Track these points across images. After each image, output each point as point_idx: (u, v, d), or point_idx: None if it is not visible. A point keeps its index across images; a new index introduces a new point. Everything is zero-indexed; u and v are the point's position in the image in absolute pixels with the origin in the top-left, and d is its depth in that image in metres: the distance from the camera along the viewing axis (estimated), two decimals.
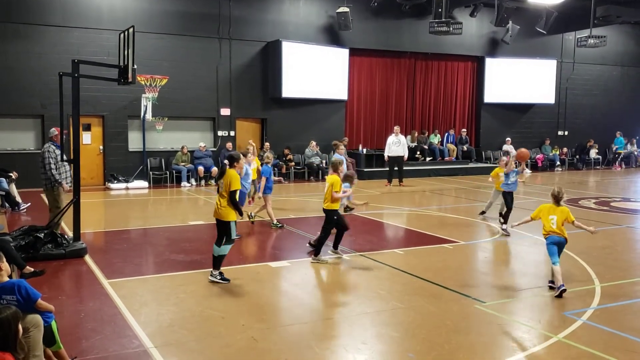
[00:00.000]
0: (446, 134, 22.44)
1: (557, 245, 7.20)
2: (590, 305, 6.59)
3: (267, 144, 18.69)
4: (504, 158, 11.83)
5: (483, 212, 12.57)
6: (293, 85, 19.09)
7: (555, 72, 23.74)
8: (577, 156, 24.79)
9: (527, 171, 22.38)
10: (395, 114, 22.00)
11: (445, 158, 21.92)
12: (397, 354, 5.33)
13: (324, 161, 19.72)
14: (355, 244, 9.79)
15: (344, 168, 8.99)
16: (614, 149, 25.22)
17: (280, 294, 7.23)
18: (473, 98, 23.37)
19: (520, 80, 23.01)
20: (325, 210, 8.60)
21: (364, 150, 20.44)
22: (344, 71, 20.22)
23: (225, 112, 18.86)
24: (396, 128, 18.20)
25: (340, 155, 11.71)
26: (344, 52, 20.12)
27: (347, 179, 8.92)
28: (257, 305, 6.56)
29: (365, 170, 19.67)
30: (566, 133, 24.87)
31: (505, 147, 21.69)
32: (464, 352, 5.27)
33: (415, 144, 21.64)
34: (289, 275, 7.92)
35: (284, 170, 19.05)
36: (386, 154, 18.00)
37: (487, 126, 23.47)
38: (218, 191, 7.44)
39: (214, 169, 17.80)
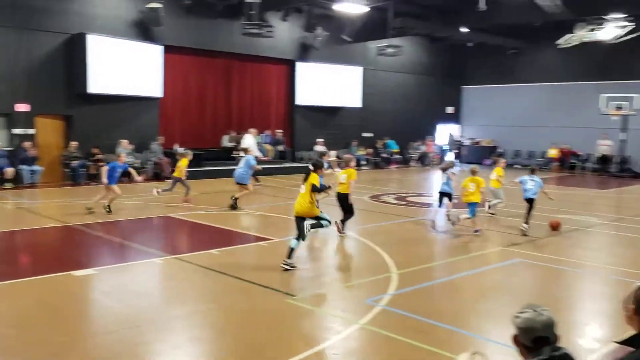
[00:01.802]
0: (262, 134, 22.81)
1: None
2: (388, 292, 7.17)
3: (124, 141, 17.67)
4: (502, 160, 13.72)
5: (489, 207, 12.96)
6: (101, 81, 17.94)
7: (361, 78, 25.42)
8: (380, 156, 26.81)
9: (337, 169, 23.61)
10: (212, 114, 21.83)
11: (263, 158, 22.26)
12: (210, 355, 5.29)
13: (139, 161, 18.81)
14: (169, 246, 9.52)
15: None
16: (390, 151, 27.05)
17: (87, 303, 6.76)
18: (287, 100, 24.09)
19: (330, 84, 24.25)
20: (341, 195, 10.67)
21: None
22: (158, 68, 19.53)
23: (22, 108, 17.08)
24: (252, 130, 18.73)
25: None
26: (158, 49, 19.44)
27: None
28: (61, 317, 6.06)
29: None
30: (371, 135, 26.77)
31: (318, 148, 22.66)
32: (274, 346, 5.41)
33: (234, 143, 21.68)
34: (97, 283, 7.44)
35: (91, 171, 17.78)
36: (256, 153, 18.44)
37: (300, 128, 24.35)
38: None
39: (9, 170, 16.01)
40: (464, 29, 24.17)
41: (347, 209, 10.74)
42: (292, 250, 8.03)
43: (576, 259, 9.49)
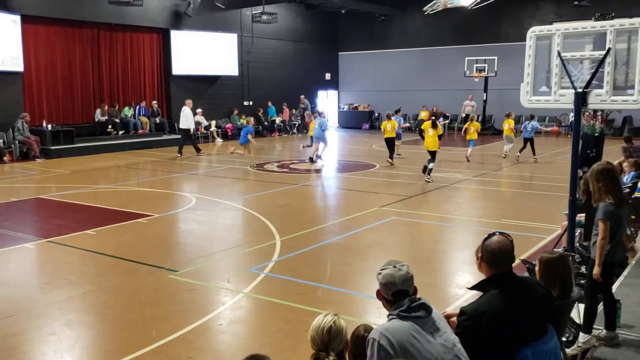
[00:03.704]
0: (138, 107, 21.87)
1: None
2: (272, 259, 7.32)
3: None
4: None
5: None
6: None
7: (237, 46, 25.02)
8: (261, 124, 26.75)
9: (219, 140, 23.34)
10: (82, 88, 20.52)
11: (139, 131, 21.42)
12: (89, 337, 5.15)
13: (1, 140, 17.32)
14: (41, 230, 8.99)
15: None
16: (272, 118, 27.25)
17: None
18: (161, 70, 23.19)
19: (206, 53, 23.64)
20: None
21: (49, 126, 18.60)
22: (17, 40, 17.94)
23: None
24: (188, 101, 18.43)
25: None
26: (14, 19, 17.81)
27: None
28: None
29: (53, 148, 17.98)
30: (251, 103, 26.59)
31: (197, 119, 22.13)
32: (158, 323, 5.37)
33: (107, 117, 20.62)
34: None
35: None
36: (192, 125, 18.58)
37: (177, 98, 23.50)
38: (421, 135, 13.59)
39: None
40: None
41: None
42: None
43: (444, 213, 10.21)
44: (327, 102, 31.47)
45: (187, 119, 18.33)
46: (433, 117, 14.79)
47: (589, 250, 4.96)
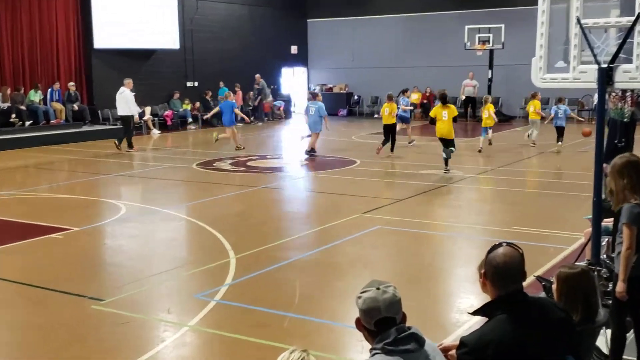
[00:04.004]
0: (50, 90, 21.58)
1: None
2: (224, 283, 7.30)
3: None
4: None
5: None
6: None
7: (177, 11, 24.88)
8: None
9: (155, 131, 23.10)
10: None
11: (52, 121, 21.14)
12: None
13: None
14: None
15: None
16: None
17: None
18: (79, 43, 22.92)
19: (137, 20, 23.40)
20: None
21: None
22: None
23: None
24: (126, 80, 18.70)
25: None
26: None
27: None
28: None
29: None
30: (196, 84, 26.47)
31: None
32: None
33: (8, 104, 20.29)
34: None
35: None
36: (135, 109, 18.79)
37: (101, 78, 23.31)
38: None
39: None
40: None
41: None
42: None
43: (441, 220, 10.33)
44: (294, 82, 31.54)
45: (129, 103, 18.32)
46: (443, 94, 14.83)
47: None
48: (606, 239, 6.52)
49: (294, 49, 31.23)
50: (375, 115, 26.37)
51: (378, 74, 29.34)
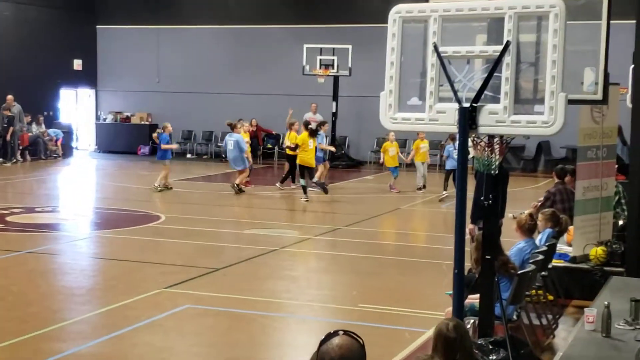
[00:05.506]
0: None
1: None
2: None
3: None
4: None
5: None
6: None
7: None
8: None
9: None
10: None
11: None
12: None
13: None
14: None
15: None
16: None
17: None
18: None
19: None
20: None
21: None
22: None
23: None
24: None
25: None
26: None
27: None
28: None
29: None
30: None
31: None
32: None
33: None
34: None
35: None
36: None
37: None
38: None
39: None
40: None
41: None
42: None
43: (270, 296, 10.37)
44: (78, 107, 30.86)
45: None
46: (310, 126, 18.94)
47: (488, 353, 5.33)
48: (472, 320, 6.83)
49: (77, 64, 30.58)
50: (190, 156, 26.24)
51: (192, 100, 29.25)
